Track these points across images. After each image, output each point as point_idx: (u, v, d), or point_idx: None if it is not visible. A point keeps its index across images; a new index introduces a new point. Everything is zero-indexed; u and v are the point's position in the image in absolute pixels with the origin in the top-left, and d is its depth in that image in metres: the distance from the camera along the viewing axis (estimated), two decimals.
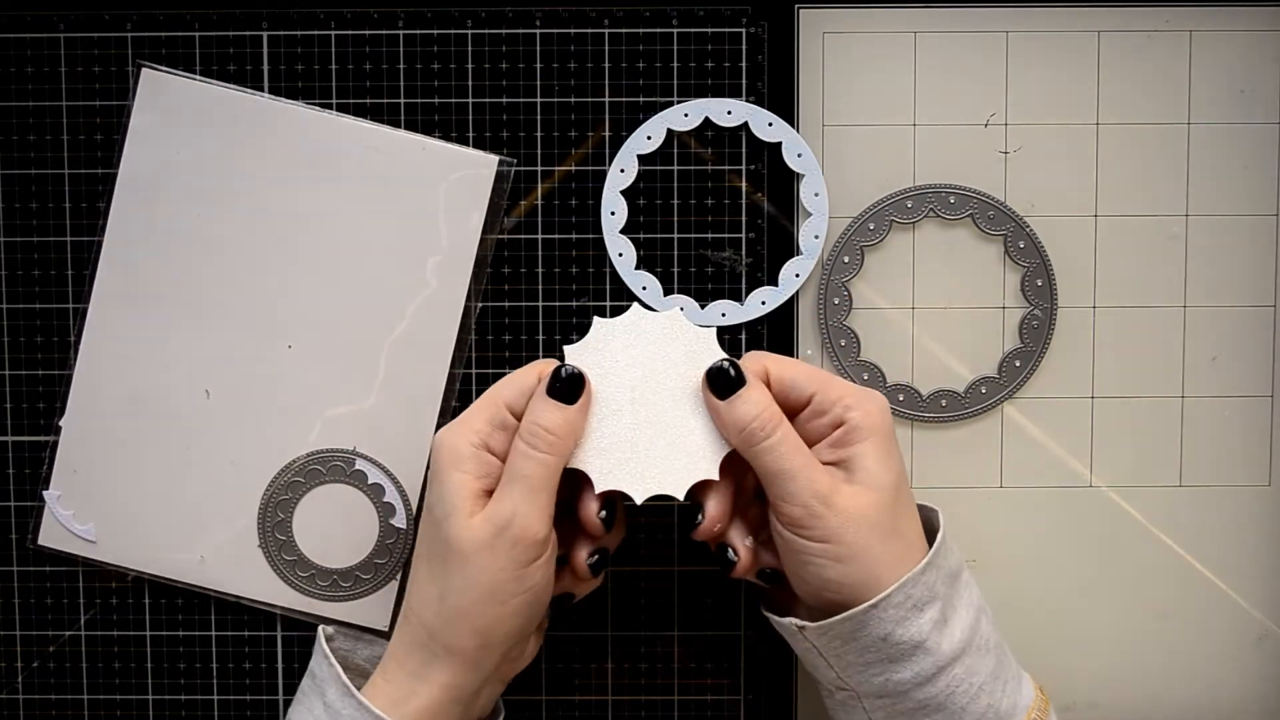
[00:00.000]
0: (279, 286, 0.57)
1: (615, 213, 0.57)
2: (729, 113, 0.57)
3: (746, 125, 0.57)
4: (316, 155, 0.57)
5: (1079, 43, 0.57)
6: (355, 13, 0.57)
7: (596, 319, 0.50)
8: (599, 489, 0.50)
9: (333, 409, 0.57)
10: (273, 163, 0.57)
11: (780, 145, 0.57)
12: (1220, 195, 0.58)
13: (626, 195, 0.57)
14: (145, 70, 0.57)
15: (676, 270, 0.58)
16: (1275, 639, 0.59)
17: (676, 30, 0.57)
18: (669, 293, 0.58)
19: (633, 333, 0.50)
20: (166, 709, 0.59)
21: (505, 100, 0.57)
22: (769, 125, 0.57)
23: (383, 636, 0.57)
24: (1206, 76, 0.57)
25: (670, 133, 0.57)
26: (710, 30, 0.57)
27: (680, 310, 0.51)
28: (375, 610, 0.58)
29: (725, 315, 0.57)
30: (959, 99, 0.57)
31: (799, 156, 0.57)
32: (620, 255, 0.57)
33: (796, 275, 0.57)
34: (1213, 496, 0.59)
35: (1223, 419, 0.58)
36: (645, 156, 0.57)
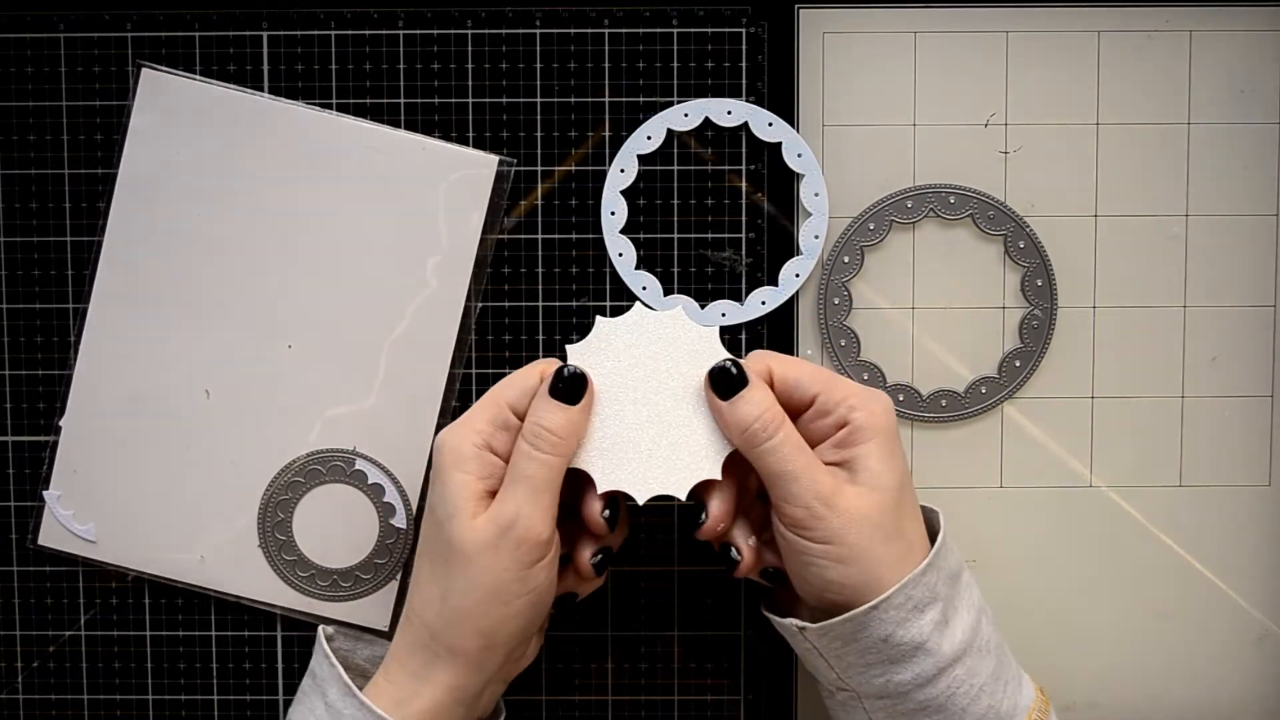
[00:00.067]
0: (279, 286, 0.57)
1: (615, 213, 0.57)
2: (729, 113, 0.57)
3: (746, 125, 0.57)
4: (316, 155, 0.57)
5: (1079, 43, 0.57)
6: (355, 13, 0.57)
7: (599, 318, 0.50)
8: (601, 489, 0.50)
9: (333, 409, 0.57)
10: (273, 163, 0.57)
11: (780, 145, 0.57)
12: (1220, 195, 0.58)
13: (626, 195, 0.57)
14: (145, 70, 0.57)
15: (676, 270, 0.58)
16: (1275, 639, 0.59)
17: (676, 30, 0.57)
18: (669, 293, 0.58)
19: (635, 332, 0.50)
20: (166, 709, 0.59)
21: (505, 100, 0.57)
22: (769, 125, 0.57)
23: (383, 636, 0.57)
24: (1206, 76, 0.57)
25: (670, 133, 0.57)
26: (710, 30, 0.57)
27: (682, 309, 0.50)
28: (375, 610, 0.58)
29: (725, 315, 0.57)
30: (959, 99, 0.57)
31: (799, 156, 0.57)
32: (620, 255, 0.57)
33: (796, 275, 0.57)
34: (1213, 496, 0.59)
35: (1223, 419, 0.58)
36: (645, 156, 0.57)
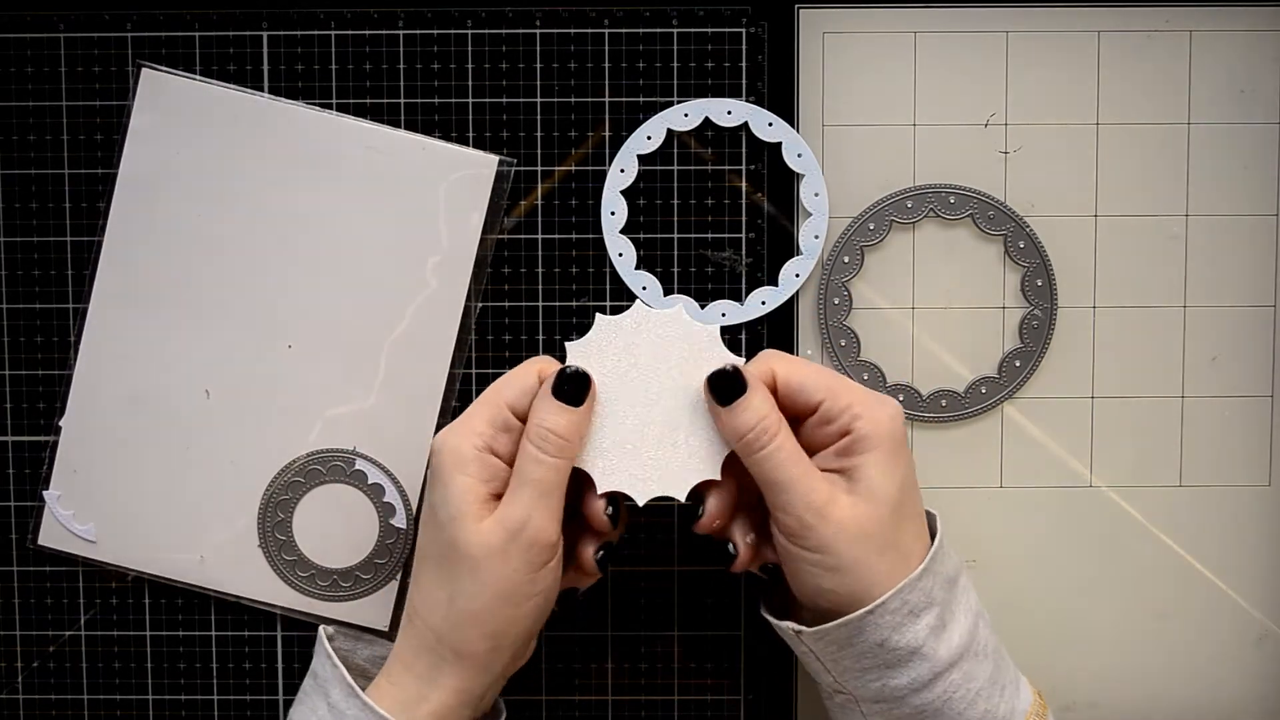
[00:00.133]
0: (279, 286, 0.57)
1: (615, 213, 0.57)
2: (729, 113, 0.57)
3: (746, 125, 0.57)
4: (316, 155, 0.57)
5: (1079, 43, 0.57)
6: (355, 13, 0.57)
7: (599, 316, 0.50)
8: (601, 490, 0.50)
9: (333, 409, 0.57)
10: (273, 163, 0.57)
11: (780, 145, 0.57)
12: (1220, 195, 0.58)
13: (626, 195, 0.57)
14: (145, 70, 0.57)
15: (676, 270, 0.58)
16: (1275, 639, 0.59)
17: (676, 30, 0.57)
18: (669, 293, 0.58)
19: (635, 331, 0.50)
20: (166, 709, 0.59)
21: (505, 100, 0.57)
22: (769, 125, 0.57)
23: (383, 636, 0.57)
24: (1206, 76, 0.57)
25: (670, 133, 0.57)
26: (710, 30, 0.57)
27: (682, 308, 0.50)
28: (375, 610, 0.58)
29: (725, 315, 0.57)
30: (959, 99, 0.57)
31: (799, 156, 0.57)
32: (620, 255, 0.57)
33: (796, 275, 0.57)
34: (1213, 496, 0.59)
35: (1223, 419, 0.58)
36: (645, 156, 0.57)
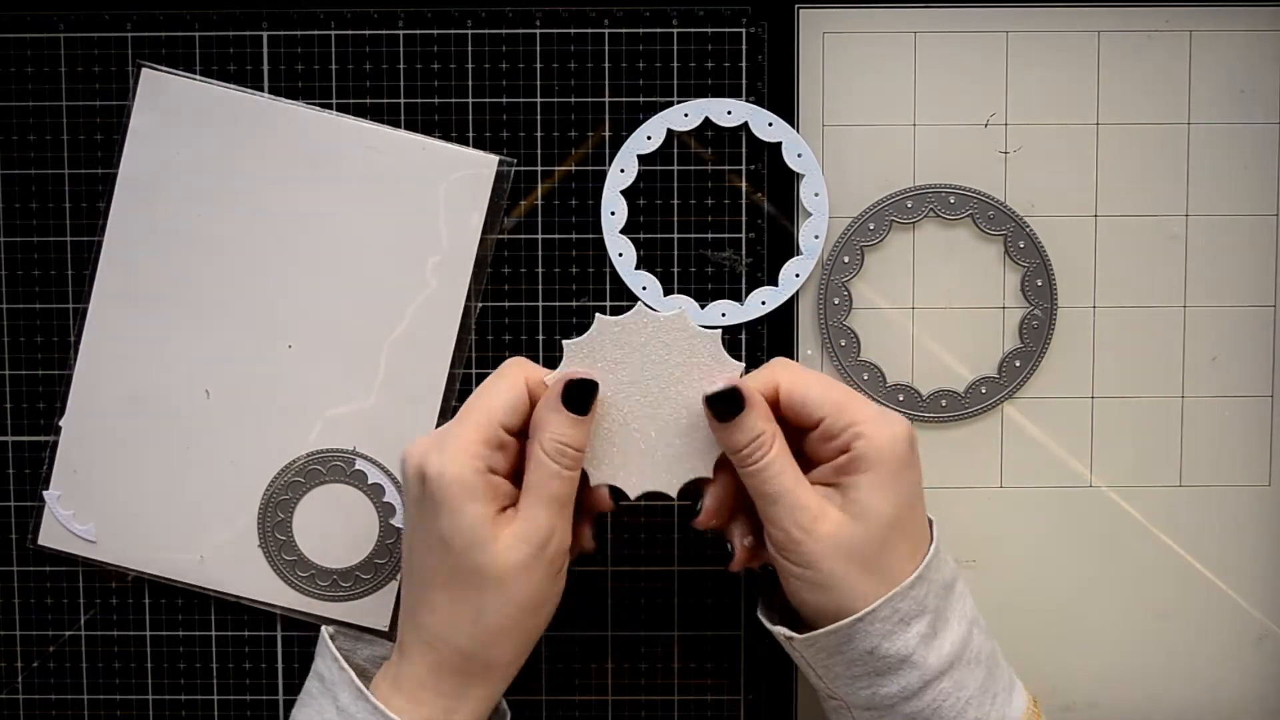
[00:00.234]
0: (279, 286, 0.57)
1: (615, 213, 0.57)
2: (729, 113, 0.57)
3: (746, 125, 0.57)
4: (316, 155, 0.57)
5: (1079, 43, 0.57)
6: (355, 13, 0.57)
7: (598, 316, 0.49)
8: (594, 483, 0.50)
9: (333, 409, 0.57)
10: (273, 163, 0.57)
11: (780, 145, 0.57)
12: (1220, 195, 0.58)
13: (626, 195, 0.57)
14: (145, 70, 0.57)
15: (676, 270, 0.58)
16: (1275, 639, 0.59)
17: (676, 30, 0.57)
18: (669, 293, 0.58)
19: (636, 332, 0.50)
20: (166, 709, 0.59)
21: (505, 100, 0.57)
22: (769, 125, 0.57)
23: (383, 636, 0.57)
24: (1206, 76, 0.57)
25: (670, 133, 0.57)
26: (710, 30, 0.57)
27: (685, 311, 0.50)
28: (375, 610, 0.58)
29: (725, 315, 0.57)
30: (959, 99, 0.57)
31: (799, 156, 0.57)
32: (620, 255, 0.57)
33: (796, 275, 0.57)
34: (1213, 496, 0.59)
35: (1223, 419, 0.58)
36: (645, 156, 0.57)
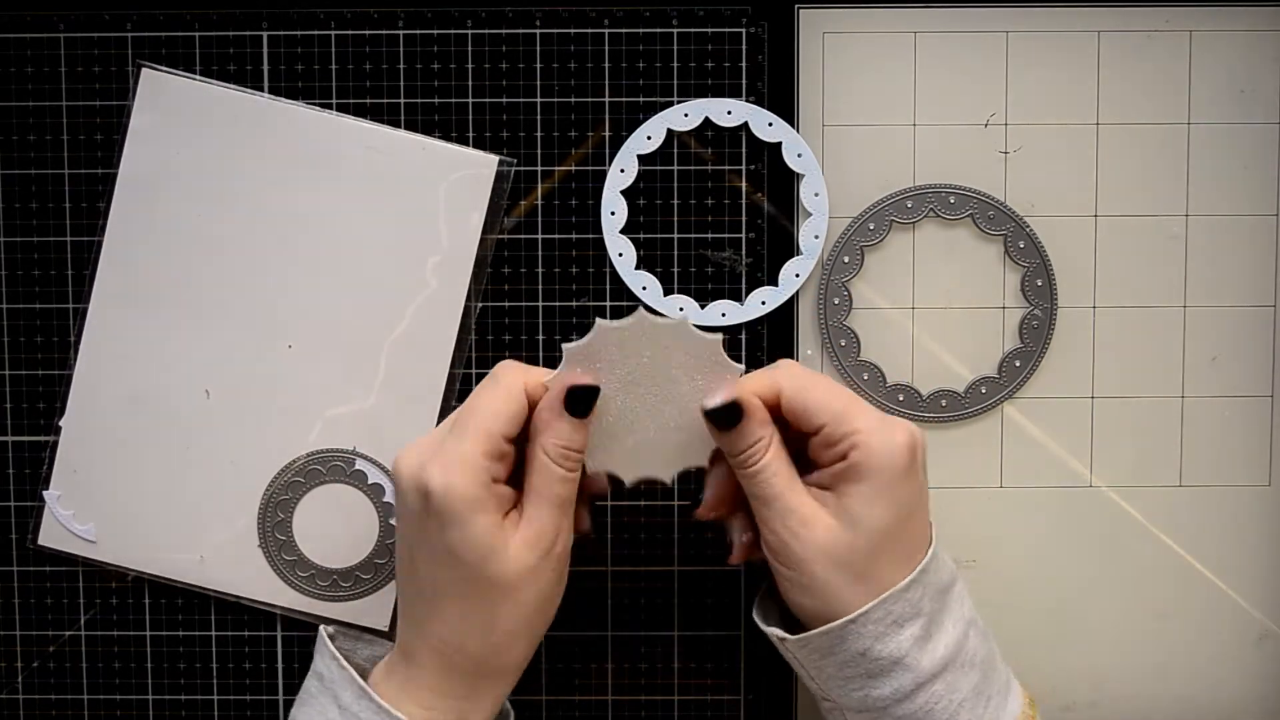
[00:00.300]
0: (279, 286, 0.57)
1: (615, 213, 0.57)
2: (729, 113, 0.57)
3: (746, 125, 0.57)
4: (316, 155, 0.57)
5: (1079, 43, 0.57)
6: (355, 13, 0.57)
7: (598, 320, 0.49)
8: (591, 470, 0.50)
9: (333, 409, 0.57)
10: (273, 163, 0.57)
11: (780, 145, 0.57)
12: (1220, 195, 0.58)
13: (626, 195, 0.57)
14: (145, 70, 0.57)
15: (676, 270, 0.58)
16: (1275, 639, 0.59)
17: (676, 30, 0.57)
18: (669, 293, 0.58)
19: (635, 337, 0.49)
20: (166, 709, 0.59)
21: (505, 100, 0.57)
22: (769, 125, 0.57)
23: (383, 636, 0.57)
24: (1206, 76, 0.57)
25: (670, 133, 0.57)
26: (710, 30, 0.57)
27: (685, 317, 0.49)
28: (375, 610, 0.58)
29: (725, 315, 0.57)
30: (959, 99, 0.57)
31: (799, 156, 0.57)
32: (620, 255, 0.57)
33: (796, 275, 0.57)
34: (1213, 496, 0.59)
35: (1223, 419, 0.58)
36: (645, 156, 0.57)
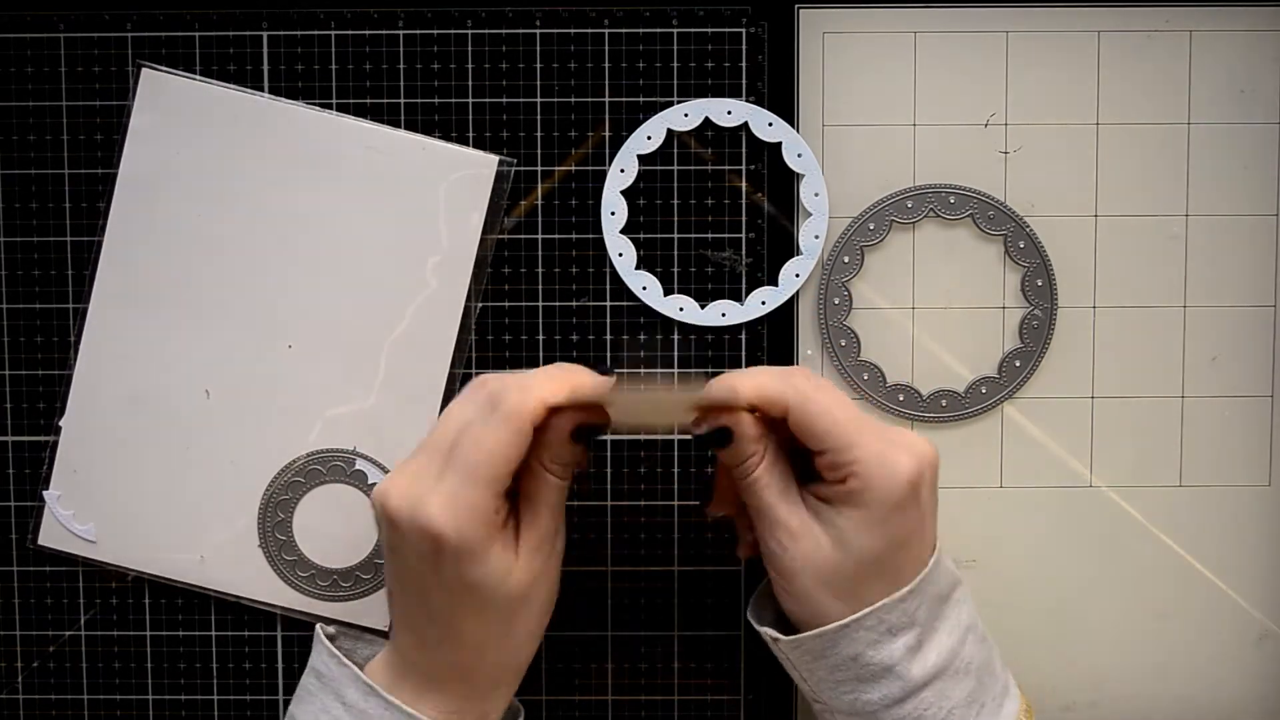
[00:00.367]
0: (279, 286, 0.57)
1: (615, 213, 0.57)
2: (729, 113, 0.57)
3: (746, 125, 0.57)
4: (316, 155, 0.57)
5: (1079, 43, 0.57)
6: (355, 13, 0.57)
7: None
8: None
9: (333, 409, 0.57)
10: (273, 163, 0.57)
11: (780, 145, 0.57)
12: (1220, 195, 0.58)
13: (626, 195, 0.57)
14: (145, 70, 0.57)
15: (676, 270, 0.58)
16: (1275, 639, 0.59)
17: (676, 30, 0.57)
18: (669, 293, 0.58)
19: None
20: (166, 709, 0.59)
21: (505, 100, 0.57)
22: (769, 125, 0.57)
23: (383, 636, 0.57)
24: (1206, 76, 0.57)
25: (670, 133, 0.57)
26: (710, 30, 0.57)
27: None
28: (375, 610, 0.58)
29: (725, 315, 0.57)
30: (959, 99, 0.57)
31: (799, 156, 0.57)
32: (620, 255, 0.57)
33: (796, 275, 0.57)
34: (1213, 496, 0.59)
35: (1223, 419, 0.58)
36: (645, 156, 0.57)
